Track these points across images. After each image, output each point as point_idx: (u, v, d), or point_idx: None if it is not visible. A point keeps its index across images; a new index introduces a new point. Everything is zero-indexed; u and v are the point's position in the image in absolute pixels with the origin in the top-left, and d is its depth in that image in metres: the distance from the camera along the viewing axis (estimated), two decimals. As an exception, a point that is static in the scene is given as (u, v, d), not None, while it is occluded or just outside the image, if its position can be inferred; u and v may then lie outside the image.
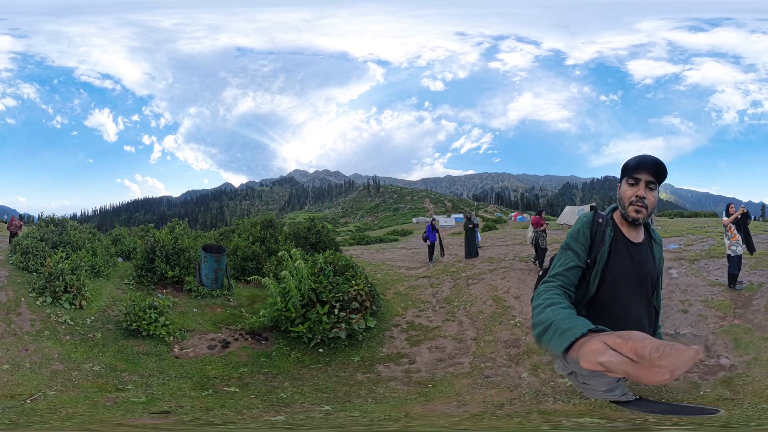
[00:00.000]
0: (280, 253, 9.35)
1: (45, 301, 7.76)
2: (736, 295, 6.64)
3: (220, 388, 5.45)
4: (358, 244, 28.65)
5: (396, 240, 31.12)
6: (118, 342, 6.92)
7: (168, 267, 10.26)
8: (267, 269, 11.70)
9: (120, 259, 13.15)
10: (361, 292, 7.16)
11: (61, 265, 8.24)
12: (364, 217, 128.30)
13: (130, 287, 9.80)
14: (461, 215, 68.07)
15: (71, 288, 8.02)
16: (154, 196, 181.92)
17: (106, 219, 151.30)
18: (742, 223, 7.44)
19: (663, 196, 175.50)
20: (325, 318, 6.65)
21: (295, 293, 7.27)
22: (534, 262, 11.14)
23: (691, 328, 5.24)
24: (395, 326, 6.99)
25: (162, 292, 9.79)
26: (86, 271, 9.17)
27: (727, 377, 4.18)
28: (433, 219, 16.60)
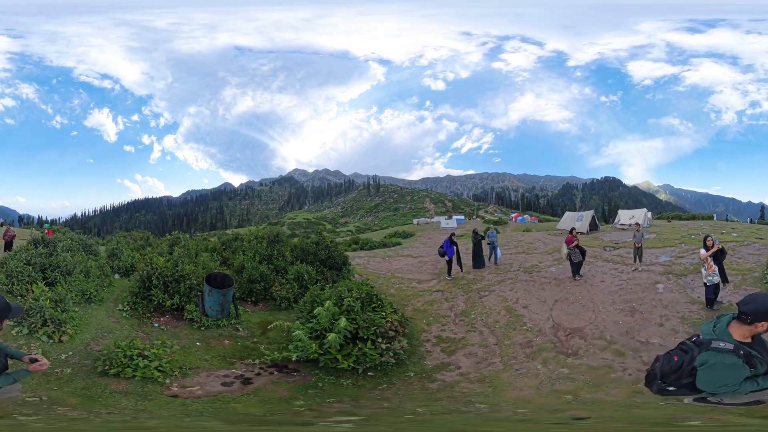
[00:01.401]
0: (289, 275, 9.51)
1: (21, 332, 7.16)
2: (712, 314, 6.69)
3: (313, 421, 4.37)
4: (361, 249, 28.09)
5: (399, 244, 30.91)
6: (90, 379, 6.08)
7: (166, 295, 9.37)
8: (277, 291, 11.14)
9: (117, 276, 12.43)
10: (394, 322, 7.74)
11: (42, 300, 7.59)
12: (364, 216, 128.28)
13: (124, 314, 9.01)
14: (462, 216, 68.01)
15: (51, 322, 7.32)
16: (154, 196, 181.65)
17: (107, 219, 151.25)
18: (718, 257, 8.00)
19: (662, 196, 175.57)
20: (369, 351, 7.07)
21: (334, 338, 7.03)
22: (575, 278, 10.85)
23: (660, 339, 5.97)
24: (426, 341, 7.59)
25: (159, 321, 9.03)
26: (76, 297, 8.56)
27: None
28: (453, 234, 14.77)
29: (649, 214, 41.94)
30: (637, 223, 15.60)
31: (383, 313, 7.67)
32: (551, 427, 3.25)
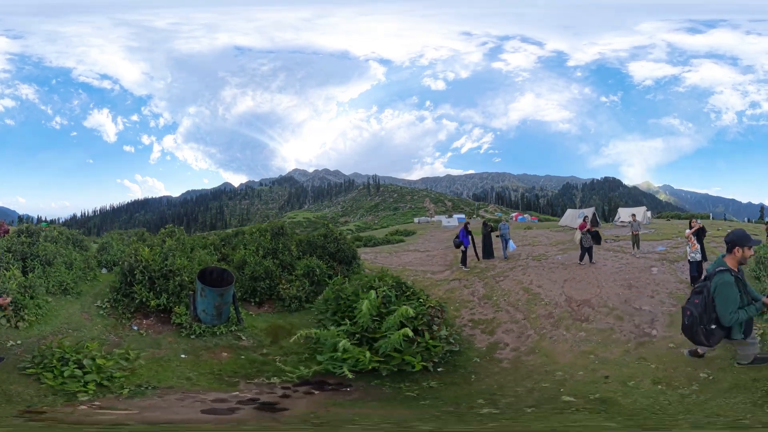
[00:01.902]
0: (298, 270, 8.75)
1: (-21, 311, 6.49)
2: None
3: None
4: (365, 245, 27.90)
5: (402, 241, 30.94)
6: (3, 374, 5.19)
7: (151, 294, 8.05)
8: (285, 290, 9.81)
9: (104, 270, 11.75)
10: (436, 308, 7.17)
11: (9, 284, 7.25)
12: (364, 216, 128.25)
13: (101, 312, 7.99)
14: (463, 215, 68.07)
15: (12, 306, 6.81)
16: (154, 196, 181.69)
17: (107, 219, 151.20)
18: (700, 236, 9.08)
19: (662, 197, 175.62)
20: (431, 342, 6.25)
21: (398, 337, 5.99)
22: (580, 262, 11.92)
23: (650, 307, 7.14)
24: (463, 325, 7.71)
25: (140, 324, 7.82)
26: (52, 288, 8.13)
27: (642, 342, 5.95)
28: (467, 222, 15.21)
29: (649, 213, 42.33)
30: (633, 215, 17.79)
31: (421, 301, 7.09)
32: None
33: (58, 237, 11.61)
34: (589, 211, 28.41)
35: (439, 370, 5.87)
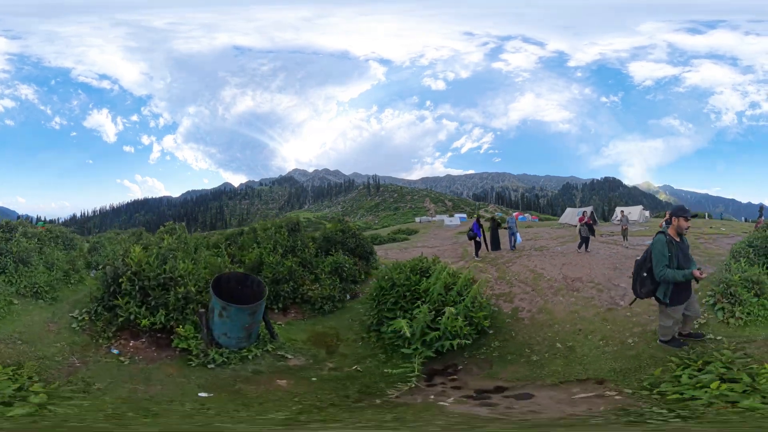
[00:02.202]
0: (324, 268, 8.67)
1: None
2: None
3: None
4: (372, 243, 28.40)
5: (407, 239, 31.16)
6: None
7: (143, 309, 6.13)
8: (313, 291, 8.88)
9: (92, 273, 10.45)
10: (470, 280, 7.55)
11: None
12: (364, 216, 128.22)
13: (75, 325, 6.27)
14: (464, 215, 68.30)
15: None
16: (153, 197, 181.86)
17: (106, 219, 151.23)
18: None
19: (662, 197, 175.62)
20: (484, 303, 7.32)
21: (468, 302, 6.55)
22: (578, 249, 13.65)
23: (625, 284, 8.25)
24: (489, 297, 8.84)
25: (125, 347, 5.93)
26: (24, 289, 7.24)
27: (611, 308, 7.15)
28: (479, 217, 16.76)
29: (647, 213, 42.76)
30: (622, 211, 20.45)
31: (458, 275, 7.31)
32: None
33: (43, 234, 10.56)
34: (588, 209, 30.04)
35: (490, 331, 6.85)
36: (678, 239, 5.24)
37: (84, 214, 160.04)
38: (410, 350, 5.95)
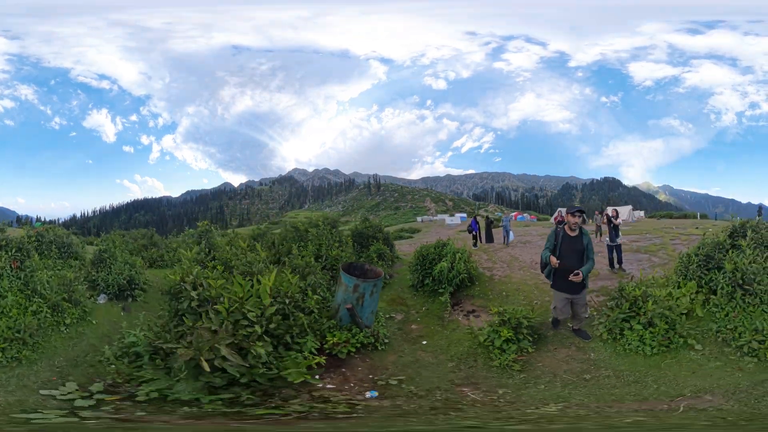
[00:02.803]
0: (371, 253, 11.01)
1: None
2: (614, 273, 10.53)
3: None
4: None
5: (411, 237, 32.07)
6: None
7: (292, 354, 4.67)
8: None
9: (101, 299, 7.90)
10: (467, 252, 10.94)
11: None
12: (365, 215, 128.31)
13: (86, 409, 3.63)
14: (464, 214, 69.46)
15: None
16: (153, 197, 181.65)
17: (106, 219, 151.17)
18: (610, 223, 11.18)
19: (662, 197, 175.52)
20: (474, 266, 11.08)
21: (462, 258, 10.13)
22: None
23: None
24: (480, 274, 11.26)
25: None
26: None
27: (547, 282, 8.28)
28: (477, 215, 20.67)
29: (642, 213, 43.06)
30: (597, 211, 22.24)
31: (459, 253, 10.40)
32: None
33: (27, 241, 7.86)
34: (562, 210, 31.12)
35: (476, 282, 10.17)
36: (573, 233, 6.01)
37: (84, 214, 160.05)
38: (442, 289, 9.35)
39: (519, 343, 6.23)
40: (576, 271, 5.73)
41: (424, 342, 7.28)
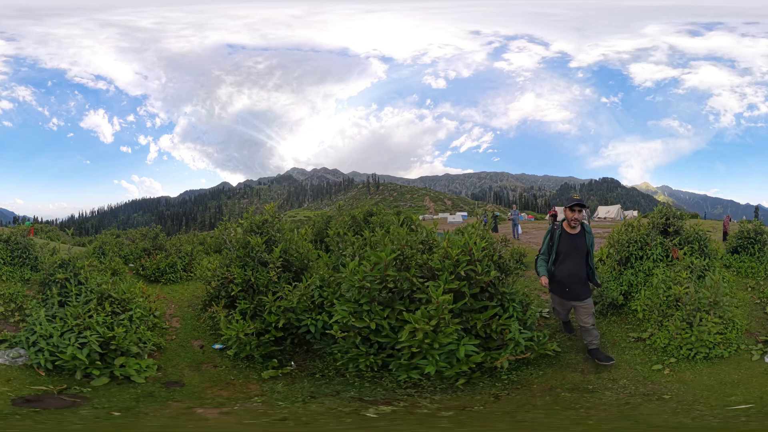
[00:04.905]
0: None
1: None
2: None
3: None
4: None
5: None
6: None
7: None
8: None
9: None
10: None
11: None
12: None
13: None
14: (465, 213, 72.07)
15: None
16: (151, 197, 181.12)
17: (104, 220, 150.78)
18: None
19: (661, 198, 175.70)
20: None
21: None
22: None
23: None
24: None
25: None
26: None
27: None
28: (485, 211, 22.08)
29: (634, 212, 43.61)
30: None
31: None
32: None
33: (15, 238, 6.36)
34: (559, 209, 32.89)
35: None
36: (573, 231, 5.04)
37: (82, 214, 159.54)
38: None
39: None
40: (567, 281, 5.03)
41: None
